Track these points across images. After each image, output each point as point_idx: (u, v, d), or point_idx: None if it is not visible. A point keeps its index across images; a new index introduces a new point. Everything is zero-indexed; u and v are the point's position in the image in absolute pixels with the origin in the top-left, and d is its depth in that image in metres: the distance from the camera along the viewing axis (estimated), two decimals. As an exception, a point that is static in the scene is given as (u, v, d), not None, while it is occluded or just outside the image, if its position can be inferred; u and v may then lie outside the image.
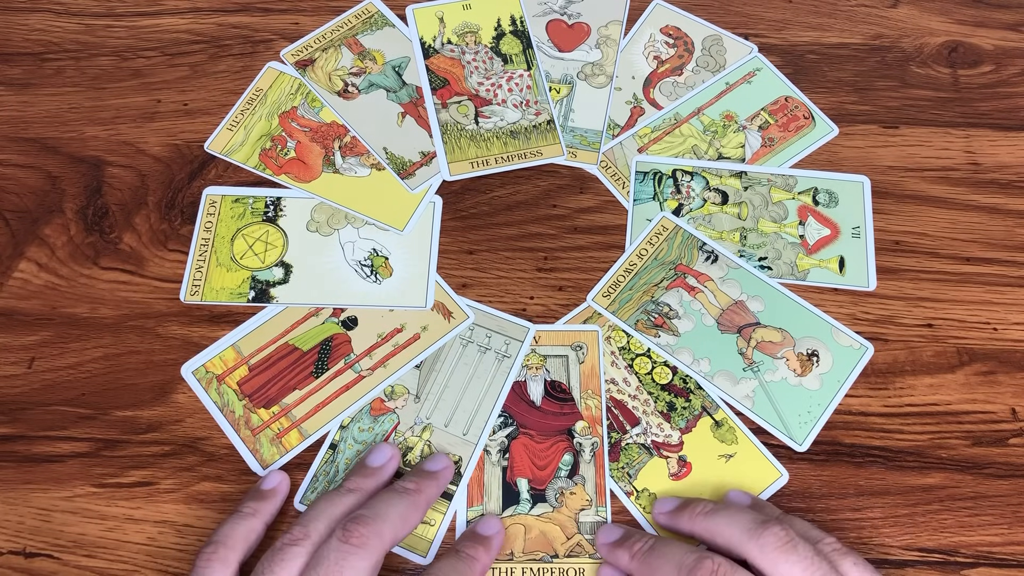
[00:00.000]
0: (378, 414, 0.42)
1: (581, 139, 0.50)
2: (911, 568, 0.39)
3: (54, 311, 0.45)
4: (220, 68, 0.53)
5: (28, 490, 0.41)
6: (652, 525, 0.40)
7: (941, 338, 0.44)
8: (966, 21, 0.55)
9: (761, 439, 0.42)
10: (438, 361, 0.44)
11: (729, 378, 0.43)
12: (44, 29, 0.54)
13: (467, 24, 0.54)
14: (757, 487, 0.41)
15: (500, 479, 0.41)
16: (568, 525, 0.40)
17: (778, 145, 0.50)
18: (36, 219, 0.48)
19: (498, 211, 0.48)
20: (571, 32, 0.54)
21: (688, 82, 0.52)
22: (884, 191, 0.48)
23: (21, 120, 0.51)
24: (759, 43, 0.53)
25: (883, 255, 0.47)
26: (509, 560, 0.39)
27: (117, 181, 0.49)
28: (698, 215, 0.48)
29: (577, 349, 0.44)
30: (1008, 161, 0.49)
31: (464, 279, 0.46)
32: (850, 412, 0.43)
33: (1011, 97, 0.52)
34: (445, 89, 0.51)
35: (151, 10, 0.55)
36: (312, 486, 0.41)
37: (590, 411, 0.42)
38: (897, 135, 0.50)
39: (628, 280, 0.46)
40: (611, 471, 0.41)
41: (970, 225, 0.47)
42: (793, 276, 0.46)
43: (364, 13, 0.54)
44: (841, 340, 0.44)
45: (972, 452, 0.42)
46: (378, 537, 0.36)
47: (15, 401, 0.43)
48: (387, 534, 0.36)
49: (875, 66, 0.53)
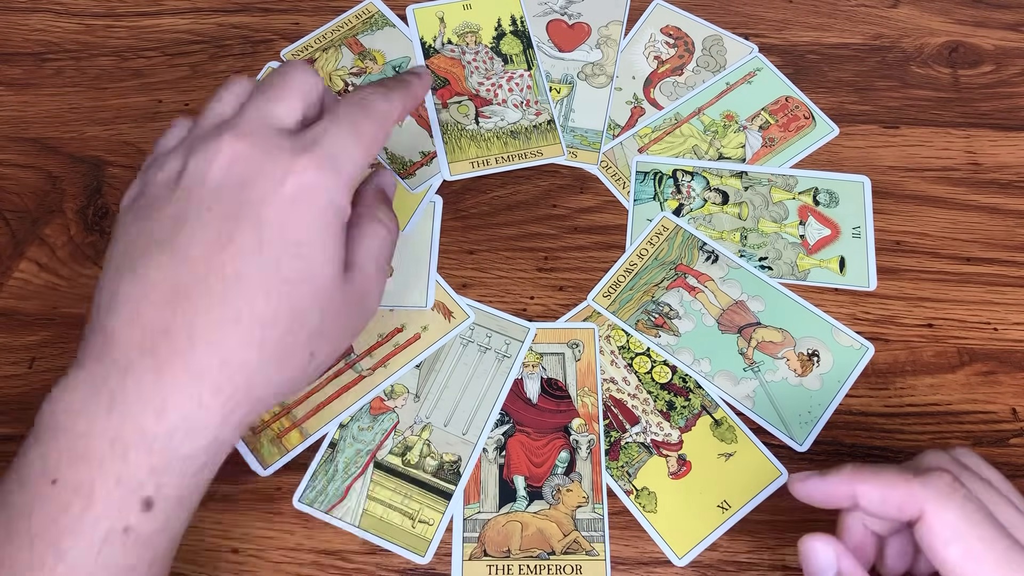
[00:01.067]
0: (378, 413, 0.42)
1: (581, 139, 0.50)
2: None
3: (55, 311, 0.45)
4: (221, 68, 0.53)
5: (28, 489, 0.41)
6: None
7: (941, 338, 0.44)
8: (966, 21, 0.54)
9: (761, 439, 0.42)
10: (438, 361, 0.44)
11: (729, 378, 0.43)
12: (44, 29, 0.54)
13: (467, 24, 0.54)
14: (757, 486, 0.41)
15: (497, 477, 0.41)
16: (565, 522, 0.40)
17: (778, 145, 0.50)
18: (36, 219, 0.48)
19: (498, 211, 0.48)
20: (571, 32, 0.54)
21: (688, 82, 0.52)
22: (884, 191, 0.48)
23: (21, 120, 0.51)
24: (759, 43, 0.53)
25: (883, 255, 0.47)
26: (506, 557, 0.39)
27: (117, 181, 0.49)
28: (698, 215, 0.48)
29: (573, 347, 0.44)
30: (1008, 161, 0.49)
31: (464, 279, 0.46)
32: (851, 412, 0.43)
33: (1011, 97, 0.52)
34: (445, 89, 0.51)
35: (151, 10, 0.55)
36: (312, 485, 0.41)
37: (586, 408, 0.42)
38: (897, 135, 0.50)
39: (628, 280, 0.46)
40: (611, 470, 0.41)
41: (970, 225, 0.47)
42: (793, 276, 0.46)
43: (364, 13, 0.54)
44: (841, 340, 0.44)
45: (973, 452, 0.42)
46: (298, 93, 0.33)
47: (16, 401, 0.43)
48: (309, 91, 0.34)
49: (875, 66, 0.53)
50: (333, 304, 0.32)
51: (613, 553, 0.40)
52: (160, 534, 0.29)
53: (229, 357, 0.30)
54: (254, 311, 0.30)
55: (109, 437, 0.28)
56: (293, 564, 0.39)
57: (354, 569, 0.39)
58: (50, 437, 0.29)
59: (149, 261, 0.30)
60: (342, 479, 0.41)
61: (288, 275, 0.30)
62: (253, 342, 0.30)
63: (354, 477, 0.41)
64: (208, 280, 0.29)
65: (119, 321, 0.30)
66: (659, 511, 0.40)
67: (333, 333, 0.33)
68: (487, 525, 0.40)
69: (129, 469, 0.28)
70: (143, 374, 0.29)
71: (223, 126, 0.32)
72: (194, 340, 0.29)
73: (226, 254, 0.30)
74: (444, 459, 0.41)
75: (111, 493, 0.28)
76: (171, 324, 0.29)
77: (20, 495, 0.28)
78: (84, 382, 0.29)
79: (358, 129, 0.33)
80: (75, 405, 0.29)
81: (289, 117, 0.33)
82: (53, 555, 0.27)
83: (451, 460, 0.41)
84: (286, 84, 0.33)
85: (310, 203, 0.31)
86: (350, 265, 0.34)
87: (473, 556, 0.39)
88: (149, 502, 0.29)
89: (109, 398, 0.29)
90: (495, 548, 0.40)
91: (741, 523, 0.40)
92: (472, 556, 0.39)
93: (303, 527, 0.40)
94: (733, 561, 0.40)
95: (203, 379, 0.29)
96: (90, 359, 0.30)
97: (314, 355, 0.33)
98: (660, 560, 0.40)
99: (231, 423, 0.30)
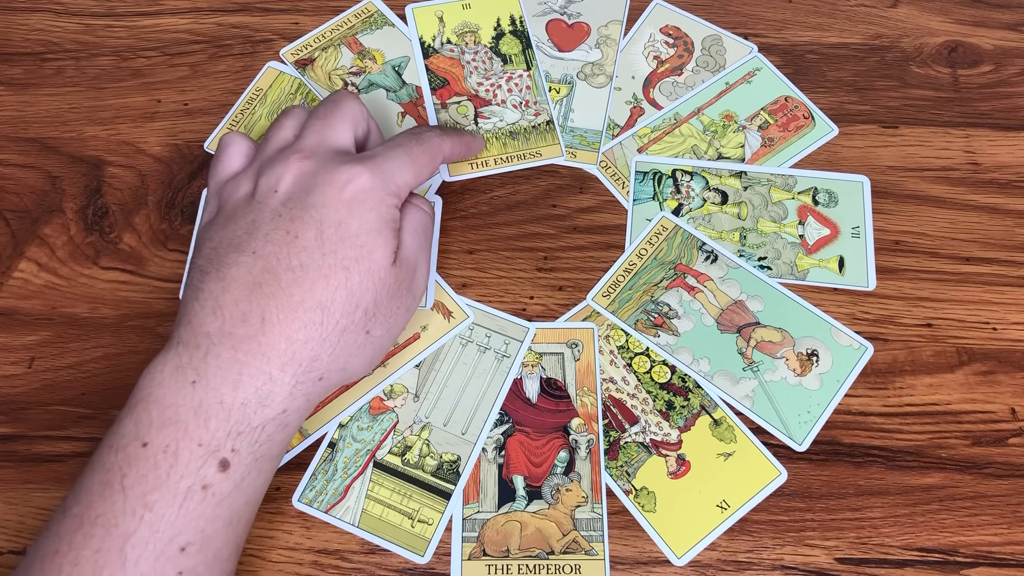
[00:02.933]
0: (377, 413, 0.42)
1: (581, 139, 0.50)
2: (911, 568, 0.39)
3: (54, 311, 0.45)
4: (220, 68, 0.53)
5: (28, 490, 0.41)
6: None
7: (941, 338, 0.44)
8: (966, 21, 0.54)
9: (760, 438, 0.42)
10: (437, 360, 0.44)
11: (729, 378, 0.43)
12: (44, 29, 0.54)
13: (467, 24, 0.54)
14: (756, 486, 0.41)
15: (496, 476, 0.41)
16: (564, 522, 0.40)
17: (778, 145, 0.50)
18: (36, 219, 0.48)
19: (498, 211, 0.48)
20: (571, 32, 0.54)
21: (688, 82, 0.52)
22: (884, 191, 0.48)
23: (21, 120, 0.51)
24: (759, 43, 0.53)
25: (883, 255, 0.47)
26: (505, 557, 0.39)
27: (117, 181, 0.49)
28: (698, 215, 0.48)
29: (573, 346, 0.44)
30: (1008, 161, 0.49)
31: (464, 279, 0.46)
32: (850, 412, 0.43)
33: (1011, 97, 0.52)
34: (445, 89, 0.51)
35: (151, 10, 0.55)
36: (311, 484, 0.41)
37: (586, 408, 0.42)
38: (897, 135, 0.50)
39: (628, 280, 0.46)
40: (610, 470, 0.41)
41: (970, 225, 0.47)
42: (793, 276, 0.46)
43: (364, 12, 0.54)
44: (841, 340, 0.44)
45: (972, 452, 0.42)
46: (349, 117, 0.40)
47: (15, 401, 0.43)
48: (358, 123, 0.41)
49: (875, 66, 0.53)
50: (386, 287, 0.37)
51: (612, 553, 0.40)
52: (236, 494, 0.33)
53: (294, 336, 0.34)
54: (315, 295, 0.35)
55: (193, 406, 0.33)
56: (292, 564, 0.39)
57: (353, 569, 0.39)
58: (142, 407, 0.33)
59: (229, 260, 0.35)
60: (341, 479, 0.41)
61: (345, 263, 0.35)
62: (314, 321, 0.35)
63: (353, 477, 0.41)
64: (277, 272, 0.35)
65: (203, 311, 0.35)
66: (658, 511, 0.40)
67: (387, 313, 0.37)
68: (486, 525, 0.40)
69: (209, 434, 0.33)
70: (222, 352, 0.34)
71: (287, 149, 0.38)
72: (265, 323, 0.34)
73: (292, 249, 0.35)
74: (443, 459, 0.41)
75: (193, 453, 0.32)
76: (248, 311, 0.34)
77: (114, 456, 0.33)
78: (171, 361, 0.34)
79: (410, 152, 0.39)
80: (165, 380, 0.34)
81: (344, 140, 0.39)
82: (142, 506, 0.32)
83: (450, 460, 0.41)
84: (337, 112, 0.40)
85: (364, 202, 0.36)
86: (400, 251, 0.38)
87: (472, 556, 0.39)
88: (226, 463, 0.33)
89: (194, 373, 0.34)
90: (494, 548, 0.40)
91: (740, 523, 0.40)
92: (471, 556, 0.39)
93: (302, 527, 0.40)
94: (732, 561, 0.40)
95: (271, 356, 0.34)
96: (178, 343, 0.35)
97: (370, 332, 0.37)
98: (659, 560, 0.40)
99: (298, 396, 0.35)
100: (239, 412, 0.34)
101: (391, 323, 0.38)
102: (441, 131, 0.42)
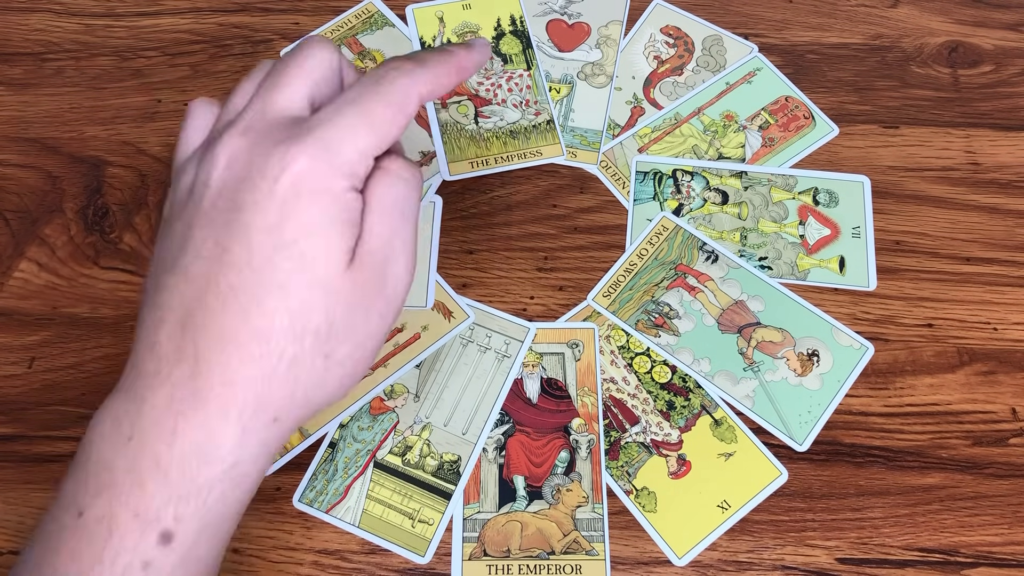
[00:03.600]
0: (377, 413, 0.42)
1: (581, 139, 0.50)
2: (911, 568, 0.39)
3: (54, 311, 0.45)
4: (220, 68, 0.53)
5: (28, 490, 0.41)
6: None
7: (941, 338, 0.44)
8: (966, 21, 0.54)
9: (761, 439, 0.42)
10: (438, 360, 0.44)
11: (729, 378, 0.43)
12: (44, 29, 0.54)
13: (467, 24, 0.54)
14: (757, 486, 0.41)
15: (496, 476, 0.41)
16: (565, 522, 0.40)
17: (778, 145, 0.50)
18: (36, 219, 0.48)
19: (498, 211, 0.48)
20: (571, 32, 0.54)
21: (688, 82, 0.52)
22: (884, 191, 0.48)
23: (21, 120, 0.51)
24: (759, 43, 0.53)
25: (883, 255, 0.47)
26: (506, 557, 0.39)
27: (117, 181, 0.49)
28: (698, 215, 0.48)
29: (573, 346, 0.44)
30: (1008, 161, 0.49)
31: (464, 279, 0.46)
32: (850, 412, 0.43)
33: (1011, 97, 0.52)
34: (445, 89, 0.51)
35: (151, 10, 0.55)
36: (311, 485, 0.41)
37: (586, 408, 0.42)
38: (897, 135, 0.50)
39: (628, 280, 0.46)
40: (610, 470, 0.41)
41: (970, 225, 0.47)
42: (793, 276, 0.46)
43: (364, 13, 0.54)
44: (841, 340, 0.44)
45: (972, 452, 0.42)
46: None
47: (15, 401, 0.43)
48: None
49: (875, 66, 0.53)
50: (341, 298, 0.29)
51: (613, 553, 0.40)
52: (183, 568, 0.28)
53: (231, 376, 0.28)
54: (249, 324, 0.28)
55: (127, 467, 0.27)
56: (293, 564, 0.39)
57: (354, 569, 0.39)
58: (80, 467, 0.28)
59: (163, 283, 0.29)
60: (342, 479, 0.41)
61: (282, 279, 0.28)
62: (252, 356, 0.28)
63: (354, 477, 0.41)
64: (206, 299, 0.28)
65: (142, 348, 0.29)
66: (659, 511, 0.40)
67: (349, 328, 0.30)
68: (487, 525, 0.40)
69: (146, 500, 0.27)
70: (158, 401, 0.28)
71: (227, 124, 0.30)
72: (198, 363, 0.28)
73: (222, 266, 0.28)
74: (444, 459, 0.41)
75: (128, 526, 0.27)
76: (182, 348, 0.28)
77: (52, 526, 0.28)
78: (111, 411, 0.29)
79: (364, 109, 0.29)
80: (105, 433, 0.28)
81: (294, 104, 0.30)
82: None
83: (451, 460, 0.41)
84: (289, 68, 0.30)
85: (301, 195, 0.28)
86: (361, 246, 0.29)
87: (473, 556, 0.39)
88: (168, 535, 0.27)
89: (130, 427, 0.28)
90: (495, 548, 0.40)
91: (741, 523, 0.40)
92: (472, 556, 0.39)
93: (303, 527, 0.40)
94: (733, 561, 0.40)
95: (209, 402, 0.28)
96: (119, 388, 0.29)
97: (330, 356, 0.29)
98: (660, 560, 0.40)
99: (250, 445, 0.28)
100: (178, 472, 0.27)
101: (360, 338, 0.30)
102: (414, 62, 0.31)
